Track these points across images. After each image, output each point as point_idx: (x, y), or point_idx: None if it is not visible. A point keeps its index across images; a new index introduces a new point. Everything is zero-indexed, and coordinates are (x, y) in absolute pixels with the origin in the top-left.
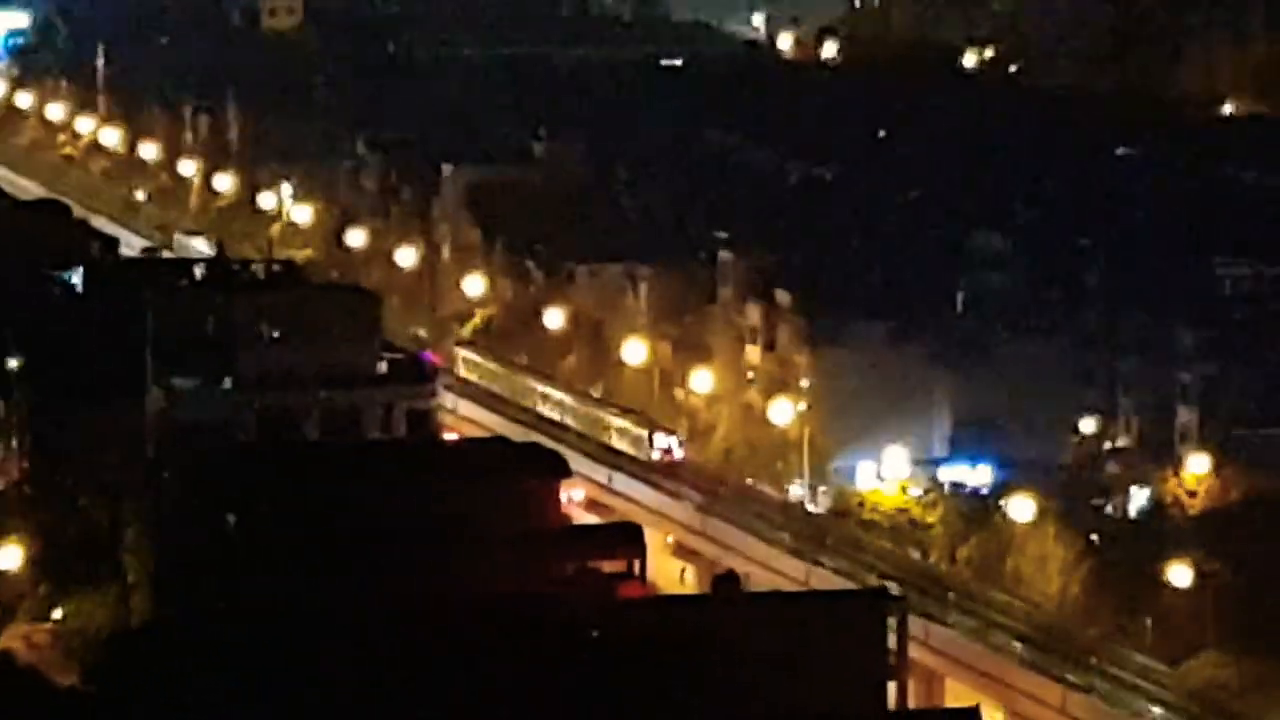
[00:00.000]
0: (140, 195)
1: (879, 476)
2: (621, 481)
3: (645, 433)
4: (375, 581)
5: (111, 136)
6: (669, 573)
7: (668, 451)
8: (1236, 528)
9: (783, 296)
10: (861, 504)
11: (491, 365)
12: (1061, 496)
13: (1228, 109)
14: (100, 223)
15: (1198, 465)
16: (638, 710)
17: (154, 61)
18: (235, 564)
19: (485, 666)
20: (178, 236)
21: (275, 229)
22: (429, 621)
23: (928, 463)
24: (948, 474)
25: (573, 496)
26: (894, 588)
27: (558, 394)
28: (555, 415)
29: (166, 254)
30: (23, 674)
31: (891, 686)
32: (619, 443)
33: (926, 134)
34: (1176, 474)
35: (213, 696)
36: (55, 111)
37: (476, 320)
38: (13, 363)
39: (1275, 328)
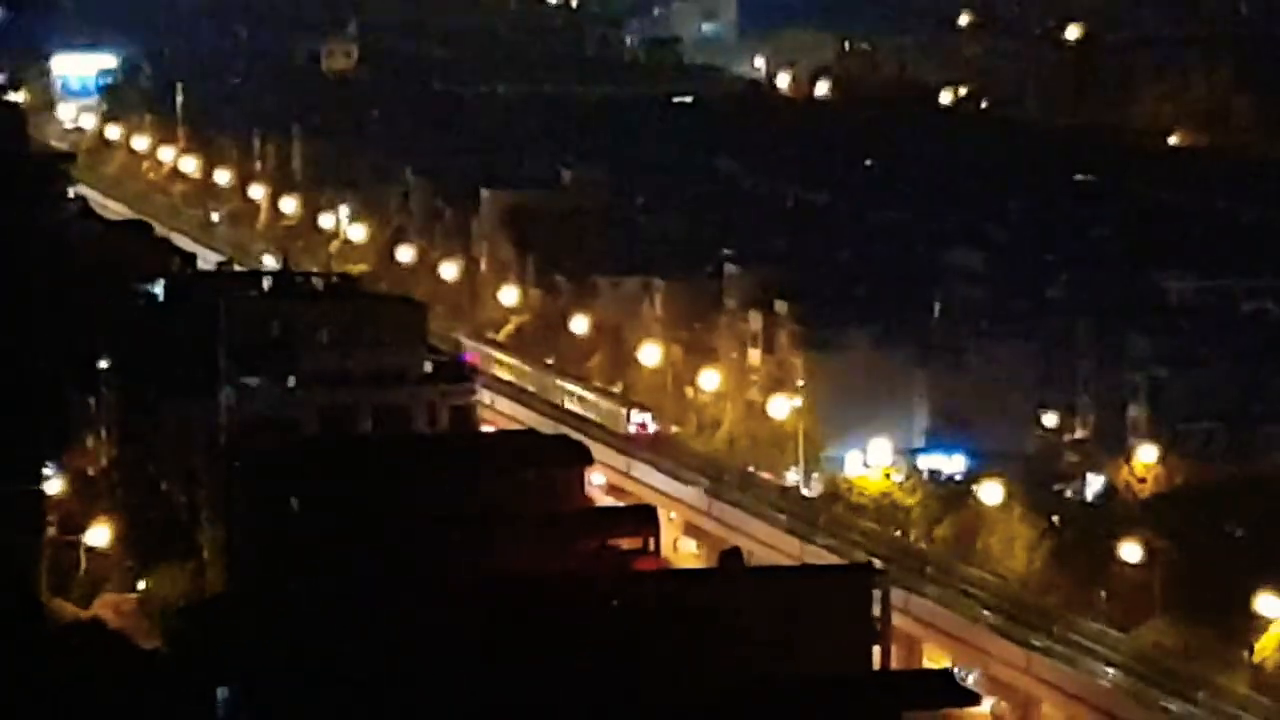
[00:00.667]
0: (215, 216)
1: (865, 464)
2: (639, 469)
3: (624, 410)
4: (421, 559)
5: (189, 164)
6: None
7: (643, 426)
8: (1180, 510)
9: (781, 306)
10: (849, 489)
11: (512, 362)
12: (1026, 482)
13: (1174, 140)
14: (180, 240)
15: (1147, 455)
16: (652, 671)
17: (227, 98)
18: (298, 544)
19: (519, 634)
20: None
21: (334, 246)
22: (469, 594)
23: (908, 452)
24: (926, 462)
25: (595, 481)
26: (878, 563)
27: (566, 384)
28: (558, 400)
29: (238, 268)
30: (111, 638)
31: (875, 650)
32: (600, 419)
33: (908, 163)
34: (1128, 463)
35: (277, 661)
36: (140, 143)
37: (510, 326)
38: (103, 363)
39: (1215, 334)
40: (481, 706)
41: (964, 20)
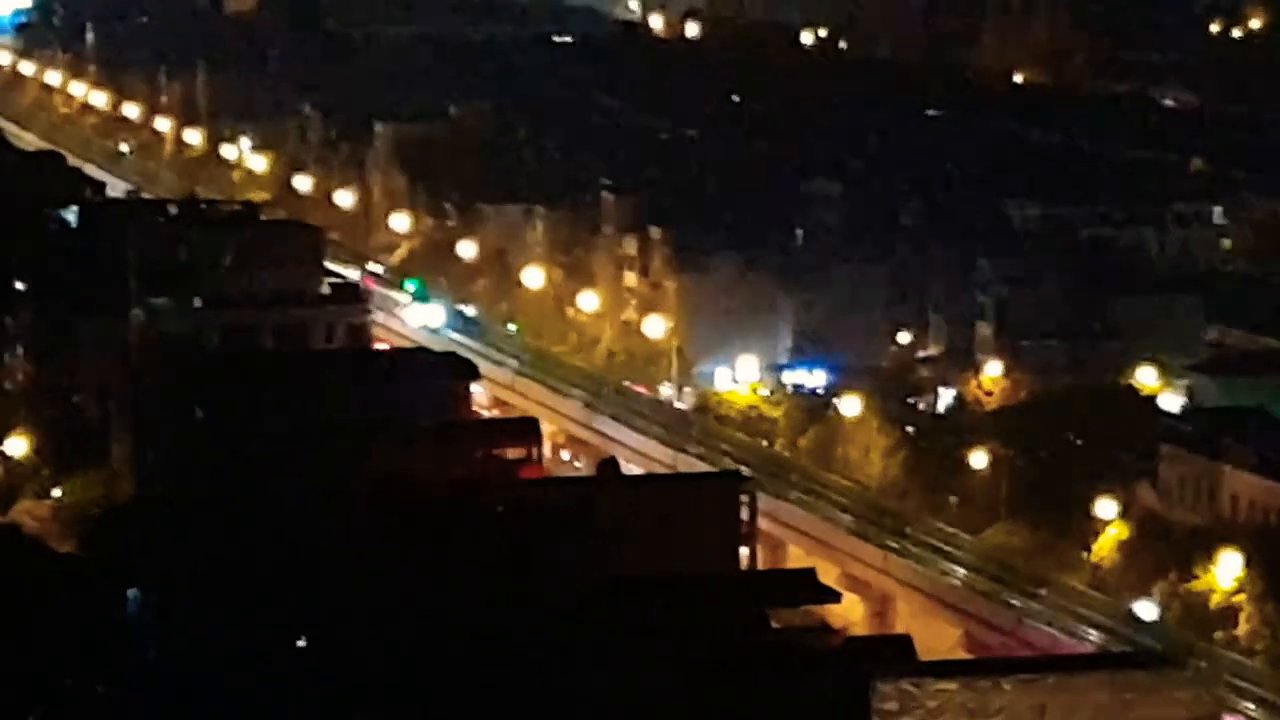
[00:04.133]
0: (124, 147)
1: (734, 379)
2: (522, 383)
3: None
4: (317, 467)
5: (100, 99)
6: None
7: (369, 278)
8: (1024, 421)
9: (655, 231)
10: (719, 402)
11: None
12: (882, 395)
13: (1018, 78)
14: (91, 170)
15: (993, 370)
16: (535, 571)
17: (135, 37)
18: (203, 452)
19: (411, 537)
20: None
21: (236, 175)
22: (363, 500)
23: (773, 368)
24: (790, 377)
25: (480, 395)
26: (745, 471)
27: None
28: None
29: (146, 195)
30: (28, 542)
31: (743, 551)
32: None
33: (772, 99)
34: (976, 377)
35: (183, 563)
36: (53, 78)
37: (402, 251)
38: (19, 285)
39: (1056, 258)
40: (376, 606)
41: None
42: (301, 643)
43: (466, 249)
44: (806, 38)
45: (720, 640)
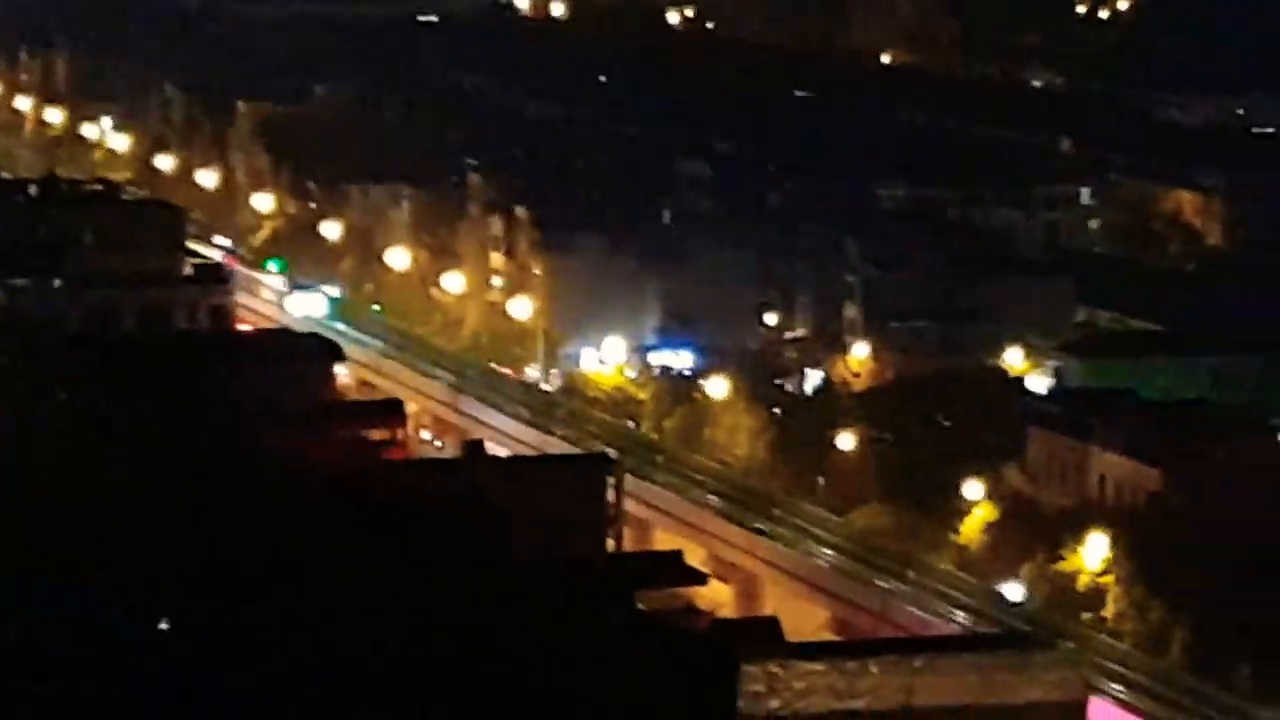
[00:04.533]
0: None
1: (600, 361)
2: (388, 365)
3: None
4: (179, 450)
5: None
6: None
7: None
8: (892, 403)
9: (521, 212)
10: (586, 384)
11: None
12: (749, 377)
13: (886, 59)
14: None
15: (860, 352)
16: (398, 554)
17: None
18: (65, 433)
19: (270, 518)
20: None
21: (97, 155)
22: (224, 483)
23: (640, 349)
24: (656, 358)
25: (344, 377)
26: (612, 452)
27: None
28: None
29: (5, 175)
30: None
31: (610, 534)
32: None
33: (639, 79)
34: (843, 358)
35: (43, 541)
36: None
37: (265, 232)
38: None
39: (924, 239)
40: (233, 590)
41: None
42: (163, 624)
43: (330, 229)
44: (673, 17)
45: (587, 622)
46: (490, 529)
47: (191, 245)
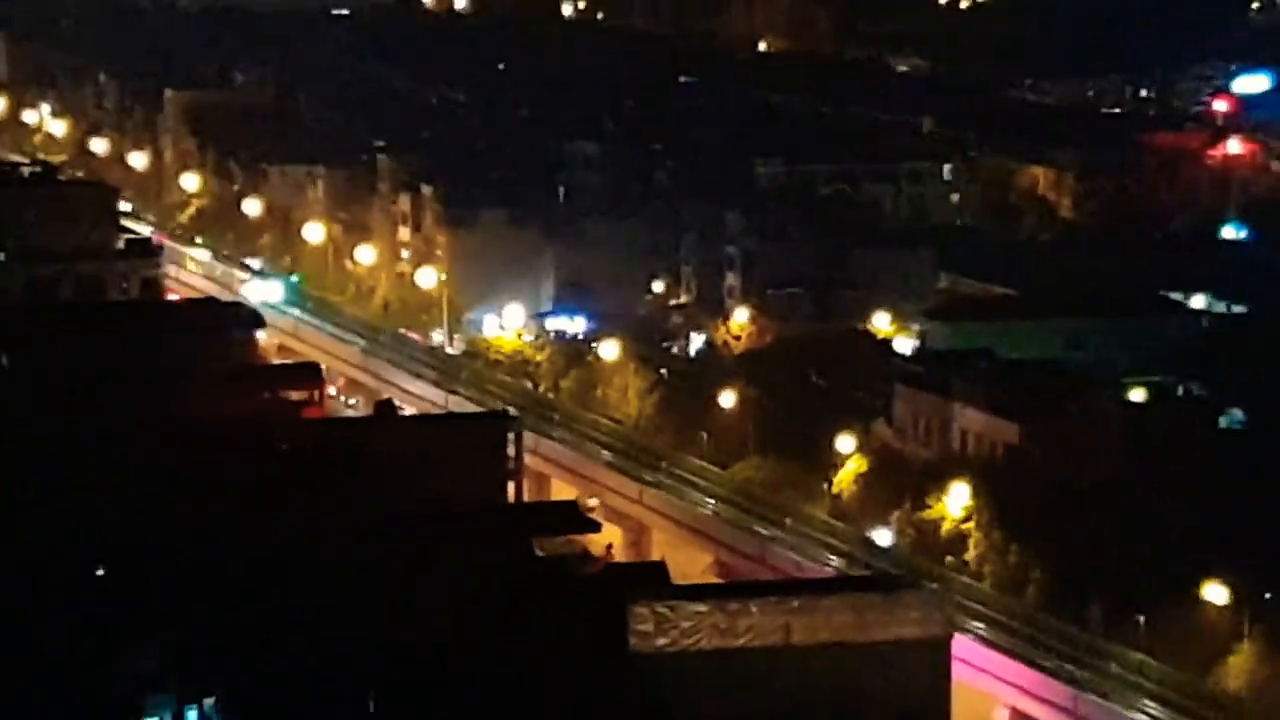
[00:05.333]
0: None
1: (500, 326)
2: (305, 330)
3: None
4: (113, 410)
5: None
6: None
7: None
8: (770, 364)
9: (427, 189)
10: (488, 348)
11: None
12: (638, 340)
13: (763, 46)
14: None
15: (740, 317)
16: (316, 505)
17: None
18: (7, 396)
19: (199, 473)
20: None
21: (37, 139)
22: (155, 441)
23: (537, 316)
24: (553, 324)
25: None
26: (512, 411)
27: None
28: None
29: None
30: None
31: (510, 485)
32: None
33: (535, 67)
34: (725, 323)
35: None
36: None
37: (191, 209)
38: None
39: (798, 212)
40: (170, 538)
41: None
42: (100, 571)
43: (252, 207)
44: (566, 9)
45: (488, 567)
46: (397, 481)
47: (124, 222)
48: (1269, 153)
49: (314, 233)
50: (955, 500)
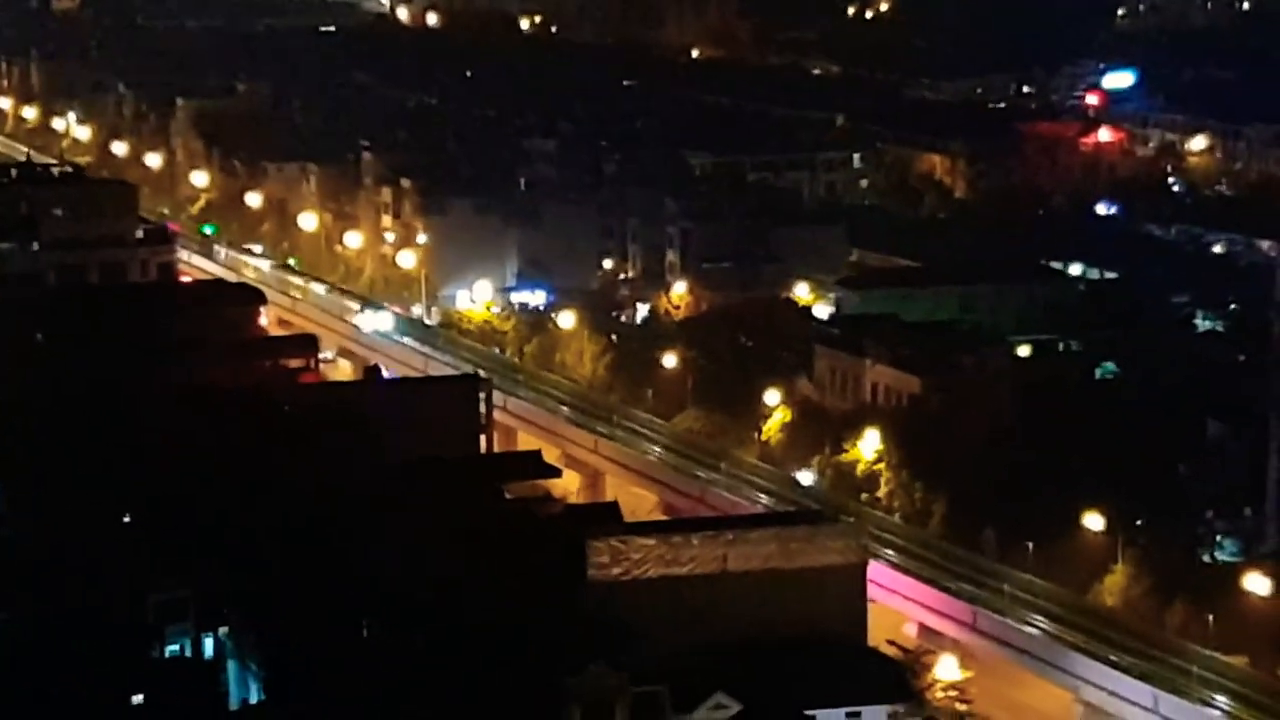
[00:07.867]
0: None
1: (471, 300)
2: (303, 306)
3: None
4: (137, 375)
5: None
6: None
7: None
8: (705, 329)
9: (405, 183)
10: (460, 319)
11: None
12: (592, 311)
13: (695, 53)
14: None
15: (679, 289)
16: (312, 459)
17: None
18: (45, 367)
19: (212, 431)
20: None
21: (65, 143)
22: (173, 402)
23: (503, 290)
24: (517, 297)
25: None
26: (483, 373)
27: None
28: None
29: None
30: None
31: (483, 438)
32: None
33: (498, 74)
34: (666, 294)
35: (33, 457)
36: None
37: (201, 202)
38: None
39: (728, 197)
40: (187, 488)
41: None
42: (126, 518)
43: (253, 199)
44: (525, 23)
45: (464, 508)
46: (385, 436)
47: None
48: (1134, 140)
49: (308, 221)
50: (868, 445)
